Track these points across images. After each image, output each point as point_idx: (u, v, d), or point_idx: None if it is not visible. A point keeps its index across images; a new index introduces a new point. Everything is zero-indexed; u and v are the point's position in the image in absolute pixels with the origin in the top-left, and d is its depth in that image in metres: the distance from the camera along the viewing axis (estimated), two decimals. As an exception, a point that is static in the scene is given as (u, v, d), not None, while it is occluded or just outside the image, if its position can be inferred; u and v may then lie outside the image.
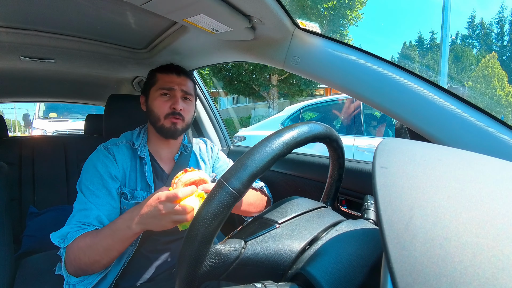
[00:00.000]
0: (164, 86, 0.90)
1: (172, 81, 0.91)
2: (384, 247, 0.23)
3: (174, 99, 0.90)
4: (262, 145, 0.40)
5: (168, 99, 0.90)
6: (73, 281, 0.71)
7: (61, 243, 0.71)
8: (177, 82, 0.91)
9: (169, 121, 0.89)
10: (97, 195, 0.78)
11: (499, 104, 17.63)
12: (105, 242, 0.68)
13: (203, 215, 0.37)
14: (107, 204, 0.78)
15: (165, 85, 0.90)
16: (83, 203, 0.77)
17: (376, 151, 0.33)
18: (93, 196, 0.78)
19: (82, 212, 0.75)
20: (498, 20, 34.59)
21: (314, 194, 0.92)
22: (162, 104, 0.89)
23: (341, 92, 0.73)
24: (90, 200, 0.77)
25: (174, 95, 0.91)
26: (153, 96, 0.91)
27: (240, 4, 0.62)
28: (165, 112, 0.89)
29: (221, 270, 0.40)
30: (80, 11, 0.82)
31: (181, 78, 0.93)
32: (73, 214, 0.76)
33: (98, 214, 0.75)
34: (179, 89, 0.91)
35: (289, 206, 0.50)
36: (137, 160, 0.89)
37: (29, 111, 14.29)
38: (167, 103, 0.89)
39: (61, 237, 0.71)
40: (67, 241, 0.70)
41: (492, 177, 0.28)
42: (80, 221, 0.74)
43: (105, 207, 0.78)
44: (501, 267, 0.19)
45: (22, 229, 1.39)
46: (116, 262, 0.83)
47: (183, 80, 0.93)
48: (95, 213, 0.75)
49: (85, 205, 0.76)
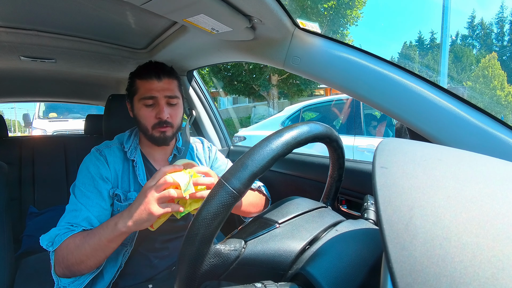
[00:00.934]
0: (145, 95, 0.84)
1: (153, 89, 0.84)
2: (384, 247, 0.23)
3: (159, 107, 0.84)
4: (262, 145, 0.40)
5: (152, 108, 0.85)
6: (63, 283, 0.71)
7: (49, 247, 0.70)
8: (159, 88, 0.84)
9: (157, 131, 0.85)
10: (88, 196, 0.78)
11: (499, 104, 17.64)
12: (93, 241, 0.67)
13: (203, 214, 0.37)
14: (97, 205, 0.78)
15: (146, 93, 0.84)
16: (73, 204, 0.77)
17: (376, 151, 0.33)
18: (84, 197, 0.78)
19: (71, 213, 0.75)
20: (498, 20, 34.61)
21: (314, 194, 0.92)
22: (147, 114, 0.85)
23: (341, 92, 0.73)
24: (80, 201, 0.77)
25: (158, 103, 0.85)
26: (137, 106, 0.87)
27: (240, 4, 0.62)
28: (151, 122, 0.85)
29: (221, 270, 0.40)
30: (80, 11, 0.82)
31: (163, 82, 0.85)
32: (64, 216, 0.76)
33: (88, 215, 0.75)
34: (162, 96, 0.85)
35: (289, 206, 0.50)
36: (129, 162, 0.88)
37: (29, 111, 14.26)
38: (152, 113, 0.85)
39: (49, 240, 0.71)
40: (55, 244, 0.69)
41: (492, 177, 0.28)
42: (68, 222, 0.73)
43: (95, 208, 0.77)
44: (501, 267, 0.19)
45: (22, 229, 1.40)
46: (112, 263, 0.83)
47: (165, 84, 0.86)
48: (84, 214, 0.75)
49: (75, 206, 0.76)
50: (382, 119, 3.29)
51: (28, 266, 1.11)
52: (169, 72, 0.88)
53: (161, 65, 0.90)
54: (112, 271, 0.83)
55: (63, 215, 0.76)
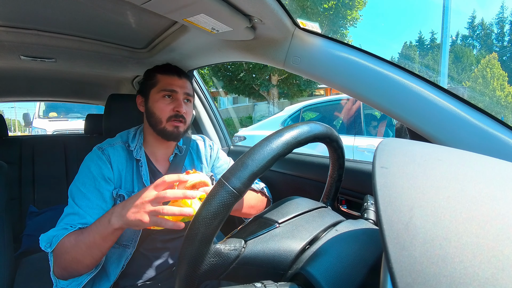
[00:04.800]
0: (166, 88, 0.88)
1: (174, 83, 0.90)
2: (384, 247, 0.23)
3: (177, 102, 0.89)
4: (262, 144, 0.40)
5: (170, 101, 0.89)
6: (61, 285, 0.70)
7: (47, 248, 0.69)
8: (180, 85, 0.90)
9: (171, 125, 0.87)
10: (88, 197, 0.76)
11: (499, 105, 17.63)
12: (87, 239, 0.66)
13: (203, 214, 0.37)
14: (97, 207, 0.76)
15: (167, 86, 0.89)
16: (71, 207, 0.75)
17: (376, 151, 0.33)
18: (84, 199, 0.76)
19: (69, 216, 0.74)
20: (498, 20, 34.60)
21: (314, 194, 0.92)
22: (164, 106, 0.88)
23: (341, 92, 0.73)
24: (79, 203, 0.75)
25: (177, 98, 0.89)
26: (154, 98, 0.89)
27: (240, 3, 0.62)
28: (167, 114, 0.87)
29: (221, 269, 0.40)
30: (80, 11, 0.82)
31: (183, 80, 0.92)
32: (61, 218, 0.74)
33: (86, 221, 0.73)
34: (181, 91, 0.90)
35: (289, 206, 0.50)
36: (133, 161, 0.88)
37: (29, 110, 14.29)
38: (169, 106, 0.88)
39: (47, 241, 0.70)
40: (53, 245, 0.68)
41: (492, 178, 0.28)
42: (67, 223, 0.72)
43: (95, 210, 0.75)
44: (501, 267, 0.19)
45: (22, 228, 1.40)
46: (115, 264, 0.83)
47: (184, 82, 0.92)
48: (82, 219, 0.73)
49: (72, 209, 0.75)
50: (382, 119, 3.29)
51: (28, 265, 1.11)
52: (186, 74, 0.95)
53: (179, 68, 0.96)
54: (115, 273, 0.83)
55: (60, 218, 0.75)
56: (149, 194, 0.62)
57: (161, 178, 0.63)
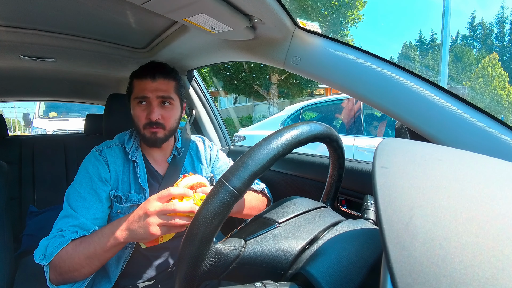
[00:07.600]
0: (138, 95, 0.84)
1: (146, 88, 0.84)
2: (384, 247, 0.23)
3: (150, 108, 0.84)
4: (262, 144, 0.40)
5: (144, 108, 0.85)
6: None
7: (42, 261, 0.67)
8: (152, 88, 0.84)
9: (148, 131, 0.84)
10: (84, 198, 0.76)
11: (499, 105, 17.63)
12: (87, 250, 0.65)
13: (203, 214, 0.37)
14: (93, 208, 0.76)
15: (139, 93, 0.84)
16: (65, 210, 0.75)
17: (376, 151, 0.33)
18: (80, 199, 0.75)
19: (62, 219, 0.73)
20: (498, 20, 34.59)
21: (314, 194, 0.92)
22: (139, 114, 0.85)
23: (341, 92, 0.73)
24: (76, 203, 0.75)
25: (150, 103, 0.84)
26: (132, 105, 0.87)
27: (240, 3, 0.62)
28: (142, 122, 0.84)
29: (221, 269, 0.40)
30: (80, 11, 0.82)
31: (157, 82, 0.84)
32: (56, 222, 0.73)
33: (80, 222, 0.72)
34: (154, 96, 0.84)
35: (289, 206, 0.50)
36: (130, 163, 0.87)
37: (29, 110, 14.27)
38: (143, 113, 0.84)
39: (41, 254, 0.67)
40: (48, 257, 0.66)
41: (492, 178, 0.28)
42: (59, 229, 0.71)
43: (91, 210, 0.75)
44: (501, 267, 0.19)
45: (22, 228, 1.40)
46: (114, 265, 0.83)
47: (159, 84, 0.84)
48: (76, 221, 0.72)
49: (66, 211, 0.74)
50: (382, 119, 3.29)
51: (28, 265, 1.11)
52: (167, 73, 0.87)
53: (160, 65, 0.89)
54: (115, 274, 0.83)
55: (55, 221, 0.74)
56: (154, 205, 0.60)
57: (166, 190, 0.62)
